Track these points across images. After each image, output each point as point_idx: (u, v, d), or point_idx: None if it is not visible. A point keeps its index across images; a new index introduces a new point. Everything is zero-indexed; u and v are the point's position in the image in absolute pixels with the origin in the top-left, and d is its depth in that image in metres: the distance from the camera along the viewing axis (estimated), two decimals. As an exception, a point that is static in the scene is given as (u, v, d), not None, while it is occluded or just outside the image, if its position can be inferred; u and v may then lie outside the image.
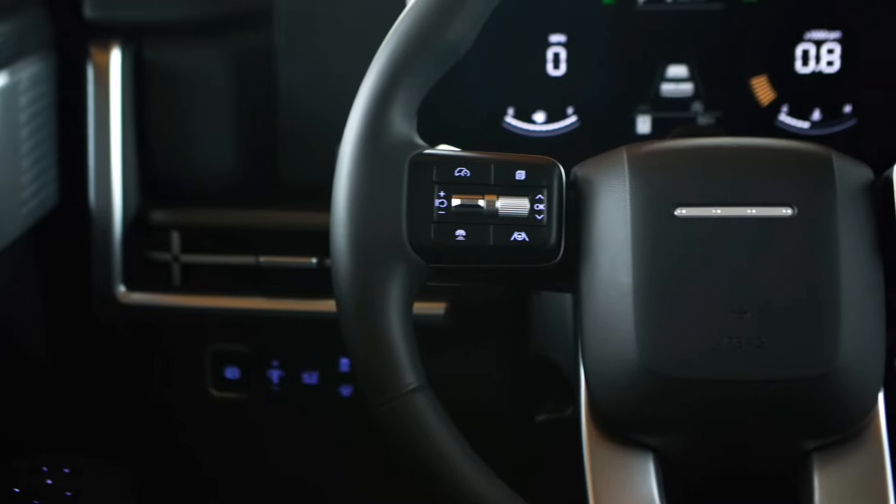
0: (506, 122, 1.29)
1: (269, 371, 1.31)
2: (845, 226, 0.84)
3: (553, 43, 1.27)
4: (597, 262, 0.86)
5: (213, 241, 1.24)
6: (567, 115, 1.28)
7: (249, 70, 1.26)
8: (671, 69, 1.27)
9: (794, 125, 1.27)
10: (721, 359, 0.83)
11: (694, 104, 1.27)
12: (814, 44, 1.25)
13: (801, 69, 1.26)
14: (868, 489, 0.85)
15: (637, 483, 0.86)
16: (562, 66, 1.27)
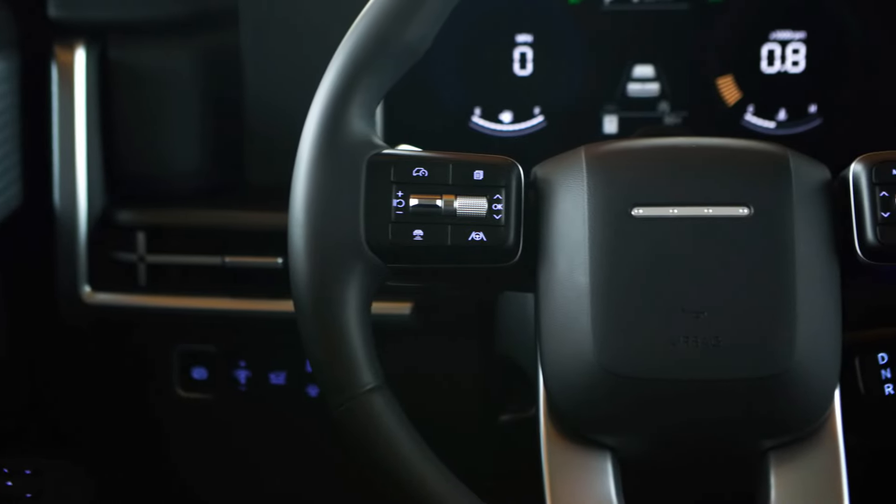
0: (473, 122, 1.29)
1: (237, 371, 1.31)
2: (802, 225, 0.85)
3: (520, 43, 1.27)
4: (555, 262, 0.86)
5: (179, 242, 1.24)
6: (534, 114, 1.28)
7: (216, 70, 1.26)
8: (637, 69, 1.27)
9: (759, 125, 1.27)
10: (677, 358, 0.83)
11: (660, 104, 1.27)
12: (779, 44, 1.26)
13: (766, 69, 1.26)
14: (823, 488, 0.85)
15: (594, 483, 0.86)
16: (528, 66, 1.27)
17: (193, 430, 1.35)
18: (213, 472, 1.38)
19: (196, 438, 1.36)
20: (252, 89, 1.25)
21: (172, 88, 1.25)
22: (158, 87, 1.25)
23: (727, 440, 0.86)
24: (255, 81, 1.25)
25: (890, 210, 0.84)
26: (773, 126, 1.27)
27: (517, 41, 1.27)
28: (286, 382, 1.30)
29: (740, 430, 0.85)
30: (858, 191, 0.85)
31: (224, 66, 1.26)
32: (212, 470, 1.38)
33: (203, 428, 1.35)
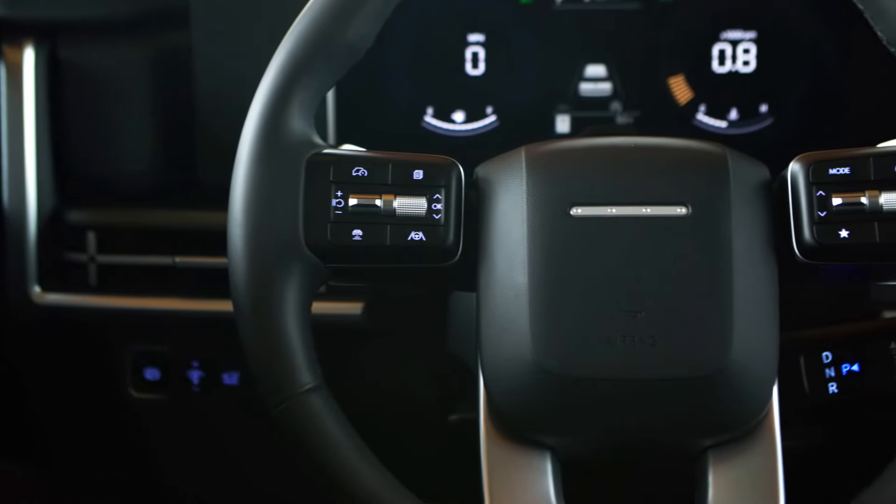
0: (425, 122, 1.29)
1: (190, 372, 1.30)
2: (739, 224, 0.85)
3: (472, 42, 1.27)
4: (494, 261, 0.86)
5: (130, 242, 1.24)
6: (486, 114, 1.28)
7: (167, 70, 1.26)
8: (589, 69, 1.27)
9: (711, 124, 1.28)
10: (614, 358, 0.83)
11: (612, 104, 1.28)
12: (730, 44, 1.26)
13: (717, 69, 1.27)
14: (760, 486, 0.85)
15: (533, 482, 0.86)
16: (480, 65, 1.27)
17: (146, 431, 1.35)
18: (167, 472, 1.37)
19: (149, 439, 1.36)
20: (203, 89, 1.24)
21: (123, 88, 1.25)
22: (109, 86, 1.24)
23: (665, 439, 0.86)
24: (207, 81, 1.24)
25: (826, 209, 0.84)
26: (724, 125, 1.27)
27: (469, 41, 1.27)
28: (239, 383, 1.29)
29: (677, 429, 0.85)
30: (796, 190, 0.86)
31: (175, 66, 1.25)
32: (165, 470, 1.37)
33: (156, 428, 1.34)
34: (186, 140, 1.27)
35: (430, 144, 1.28)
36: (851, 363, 1.00)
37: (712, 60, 1.26)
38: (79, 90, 1.24)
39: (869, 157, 0.85)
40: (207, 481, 1.37)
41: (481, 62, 1.27)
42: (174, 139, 1.27)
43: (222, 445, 1.35)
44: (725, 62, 1.26)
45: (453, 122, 1.29)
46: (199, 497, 1.37)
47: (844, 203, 0.84)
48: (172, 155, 1.27)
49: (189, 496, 1.38)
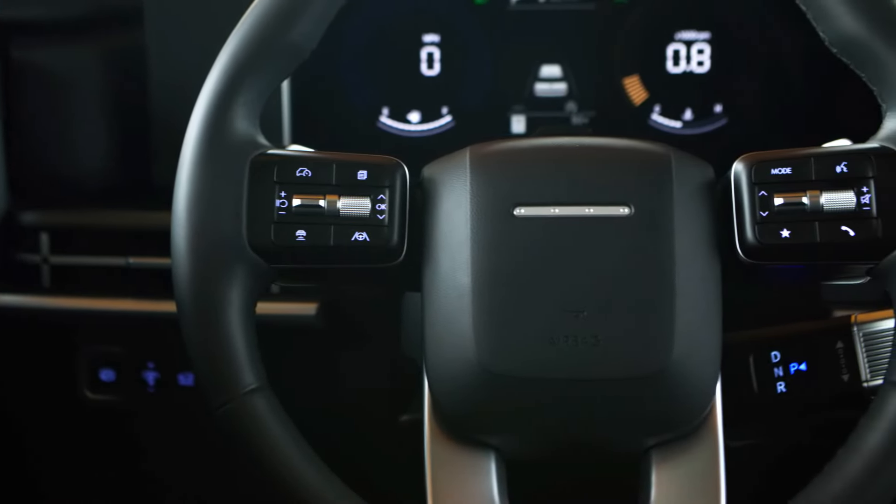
0: (381, 122, 1.29)
1: (145, 373, 1.30)
2: (682, 224, 0.85)
3: (427, 43, 1.27)
4: (438, 261, 0.86)
5: (83, 243, 1.23)
6: (442, 114, 1.28)
7: (121, 70, 1.25)
8: (545, 69, 1.28)
9: (666, 125, 1.28)
10: (557, 357, 0.83)
11: (568, 104, 1.28)
12: (684, 44, 1.26)
13: (672, 69, 1.27)
14: (702, 485, 0.85)
15: (476, 482, 0.86)
16: (436, 65, 1.28)
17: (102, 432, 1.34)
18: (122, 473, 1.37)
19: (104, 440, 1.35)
20: (157, 89, 1.24)
21: (77, 88, 1.25)
22: (63, 86, 1.24)
23: (608, 438, 0.87)
24: (161, 81, 1.24)
25: (768, 209, 0.85)
26: (679, 126, 1.28)
27: (424, 41, 1.27)
28: (195, 384, 1.29)
29: (620, 429, 0.86)
30: (739, 190, 0.86)
31: (129, 66, 1.25)
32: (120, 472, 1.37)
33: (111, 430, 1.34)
34: (141, 140, 1.26)
35: (386, 145, 1.28)
36: (799, 362, 1.00)
37: (667, 61, 1.27)
38: (32, 91, 1.24)
39: (810, 157, 0.86)
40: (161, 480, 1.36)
41: (436, 62, 1.28)
42: (128, 139, 1.26)
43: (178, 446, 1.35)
44: (680, 63, 1.27)
45: (409, 122, 1.29)
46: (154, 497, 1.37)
47: (786, 203, 0.84)
48: (127, 155, 1.27)
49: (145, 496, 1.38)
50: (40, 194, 1.25)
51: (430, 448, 0.87)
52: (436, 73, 1.28)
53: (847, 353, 0.98)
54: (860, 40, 0.85)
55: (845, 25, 0.85)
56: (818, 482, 0.81)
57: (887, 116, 0.86)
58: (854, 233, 0.83)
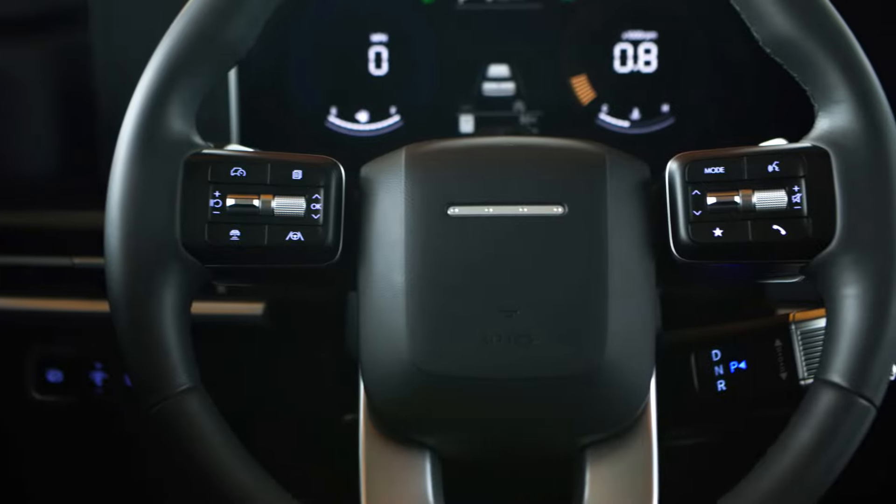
0: (329, 122, 1.29)
1: (93, 373, 1.29)
2: (616, 224, 0.85)
3: (374, 42, 1.27)
4: (373, 261, 0.86)
5: (28, 243, 1.23)
6: (390, 114, 1.28)
7: (67, 69, 1.25)
8: (492, 68, 1.28)
9: (614, 124, 1.28)
10: (490, 357, 0.83)
11: (516, 103, 1.28)
12: (631, 44, 1.27)
13: (619, 69, 1.27)
14: (634, 483, 0.86)
15: (411, 482, 0.86)
16: (384, 65, 1.28)
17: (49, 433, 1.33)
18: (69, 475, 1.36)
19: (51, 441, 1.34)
20: (103, 88, 1.23)
21: (22, 87, 1.24)
22: (7, 85, 1.23)
23: (542, 438, 0.87)
24: (106, 80, 1.23)
25: (701, 209, 0.85)
26: (627, 125, 1.28)
27: (372, 41, 1.27)
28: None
29: (554, 428, 0.86)
30: (673, 189, 0.86)
31: (75, 65, 1.24)
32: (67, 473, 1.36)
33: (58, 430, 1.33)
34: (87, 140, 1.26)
35: (334, 145, 1.28)
36: (739, 361, 1.01)
37: (614, 60, 1.27)
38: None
39: (743, 156, 0.86)
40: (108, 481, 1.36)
41: (384, 62, 1.28)
42: (75, 139, 1.26)
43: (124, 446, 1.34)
44: (627, 62, 1.27)
45: (357, 122, 1.29)
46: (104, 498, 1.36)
47: (718, 202, 0.85)
48: (73, 155, 1.26)
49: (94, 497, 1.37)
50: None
51: (364, 448, 0.87)
52: (384, 73, 1.28)
53: (785, 351, 0.98)
54: (792, 41, 0.86)
55: (778, 26, 0.86)
56: (748, 480, 0.82)
57: (819, 116, 0.86)
58: (785, 232, 0.84)
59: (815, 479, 0.81)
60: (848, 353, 0.81)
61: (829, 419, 0.81)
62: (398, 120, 1.28)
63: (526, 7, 1.26)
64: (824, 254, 0.83)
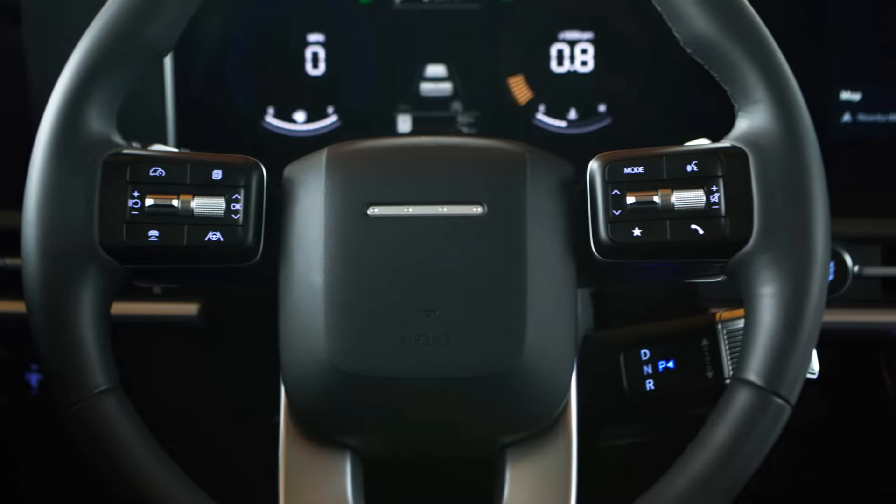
0: (266, 122, 1.28)
1: (28, 374, 1.29)
2: (536, 223, 0.85)
3: (311, 42, 1.27)
4: (293, 261, 0.86)
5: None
6: (328, 114, 1.28)
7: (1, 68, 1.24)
8: (430, 68, 1.28)
9: (551, 124, 1.29)
10: (408, 357, 0.83)
11: (453, 103, 1.28)
12: (568, 44, 1.27)
13: (556, 69, 1.28)
14: (553, 482, 0.86)
15: (330, 482, 0.86)
16: (321, 65, 1.27)
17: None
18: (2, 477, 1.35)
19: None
20: (35, 86, 1.23)
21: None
22: None
23: (463, 437, 0.87)
24: (39, 79, 1.22)
25: (621, 208, 0.85)
26: (564, 125, 1.28)
27: (309, 41, 1.27)
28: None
29: (474, 428, 0.86)
30: (593, 189, 0.86)
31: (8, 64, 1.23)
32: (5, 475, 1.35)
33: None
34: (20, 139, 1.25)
35: (272, 145, 1.28)
36: (667, 360, 1.01)
37: (551, 60, 1.27)
38: None
39: (662, 156, 0.86)
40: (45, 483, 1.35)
41: (321, 62, 1.27)
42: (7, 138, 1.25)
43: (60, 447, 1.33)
44: (564, 62, 1.28)
45: (294, 122, 1.29)
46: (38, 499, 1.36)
47: (637, 202, 0.85)
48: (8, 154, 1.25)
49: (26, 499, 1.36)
50: None
51: (284, 448, 0.87)
52: (321, 73, 1.27)
53: (712, 350, 0.99)
54: (712, 41, 0.86)
55: (698, 26, 0.86)
56: (666, 478, 0.82)
57: (738, 116, 0.87)
58: (703, 231, 0.84)
59: (731, 478, 0.81)
60: (764, 353, 0.82)
61: (744, 418, 0.81)
62: (336, 120, 1.28)
63: (463, 7, 1.26)
64: (741, 253, 0.84)
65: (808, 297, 0.82)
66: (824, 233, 0.83)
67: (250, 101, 1.28)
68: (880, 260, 1.23)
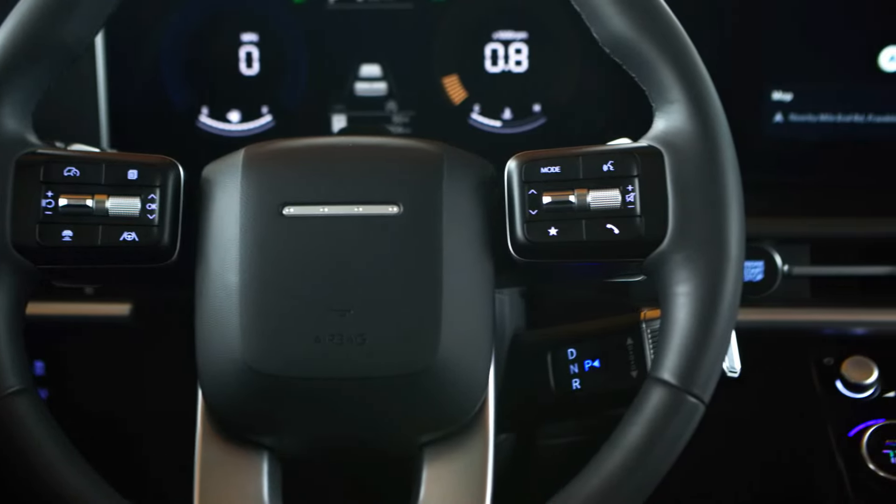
0: (200, 122, 1.28)
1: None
2: (452, 223, 0.85)
3: (245, 42, 1.26)
4: (209, 261, 0.86)
5: None
6: (262, 114, 1.28)
7: None
8: (364, 68, 1.28)
9: (486, 124, 1.29)
10: (323, 357, 0.83)
11: (388, 103, 1.28)
12: (502, 44, 1.27)
13: (490, 68, 1.28)
14: (469, 481, 0.86)
15: (246, 483, 0.85)
16: (255, 65, 1.27)
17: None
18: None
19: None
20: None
21: None
22: None
23: (380, 437, 0.87)
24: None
25: (537, 208, 0.85)
26: (499, 125, 1.29)
27: (243, 40, 1.27)
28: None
29: (390, 427, 0.86)
30: (511, 189, 0.86)
31: None
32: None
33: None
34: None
35: (206, 145, 1.28)
36: (593, 359, 1.01)
37: (485, 60, 1.28)
38: None
39: (579, 156, 0.87)
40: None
41: (255, 62, 1.27)
42: None
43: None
44: (498, 62, 1.28)
45: (229, 122, 1.28)
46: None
47: (553, 201, 0.85)
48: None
49: None
50: None
51: (200, 448, 0.87)
52: (255, 73, 1.27)
53: (636, 349, 0.99)
54: (630, 41, 0.86)
55: (615, 26, 0.87)
56: (579, 479, 0.82)
57: (656, 116, 0.87)
58: (618, 231, 0.84)
59: (644, 477, 0.81)
60: (678, 351, 0.82)
61: (658, 417, 0.81)
62: (270, 120, 1.28)
63: (397, 7, 1.26)
64: (657, 253, 0.84)
65: (721, 296, 0.82)
66: (738, 232, 0.84)
67: (184, 101, 1.27)
68: (810, 259, 1.24)
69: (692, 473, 0.94)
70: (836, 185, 1.25)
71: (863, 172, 1.26)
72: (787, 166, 1.25)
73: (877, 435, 1.12)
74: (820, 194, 1.24)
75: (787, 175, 1.25)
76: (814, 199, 1.24)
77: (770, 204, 1.22)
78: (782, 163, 1.25)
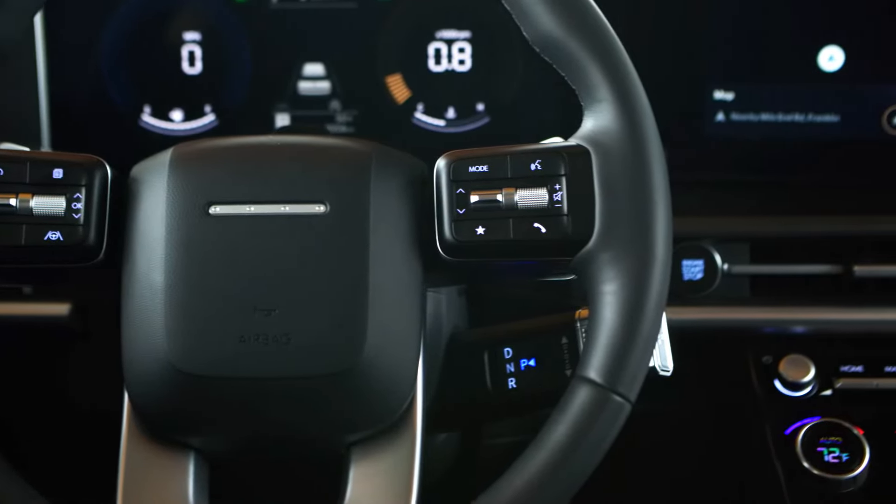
0: (143, 121, 1.27)
1: None
2: (379, 222, 0.85)
3: (188, 41, 1.26)
4: (135, 260, 0.86)
5: None
6: (205, 113, 1.27)
7: None
8: (308, 67, 1.27)
9: (430, 123, 1.29)
10: (248, 357, 0.82)
11: (332, 102, 1.28)
12: (445, 43, 1.27)
13: (434, 68, 1.28)
14: (395, 481, 0.86)
15: (171, 483, 0.85)
16: (197, 64, 1.27)
17: None
18: None
19: None
20: None
21: None
22: None
23: (306, 437, 0.86)
24: None
25: (465, 207, 0.85)
26: (443, 124, 1.29)
27: (185, 39, 1.26)
28: None
29: (317, 427, 0.85)
30: (439, 188, 0.86)
31: None
32: None
33: None
34: None
35: (149, 144, 1.26)
36: (529, 358, 1.01)
37: (428, 59, 1.28)
38: None
39: (507, 155, 0.87)
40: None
41: (198, 61, 1.27)
42: None
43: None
44: (441, 61, 1.28)
45: (171, 121, 1.28)
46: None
47: (481, 200, 0.85)
48: None
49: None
50: None
51: (125, 448, 0.86)
52: (198, 72, 1.27)
53: (571, 348, 0.99)
54: (558, 41, 0.86)
55: (544, 26, 0.87)
56: (504, 478, 0.82)
57: (585, 115, 0.87)
58: (545, 230, 0.84)
59: (569, 476, 0.81)
60: (604, 351, 0.82)
61: (583, 416, 0.81)
62: (213, 119, 1.28)
63: (340, 6, 1.26)
64: (584, 252, 0.84)
65: (647, 296, 0.82)
66: (665, 231, 0.84)
67: (127, 100, 1.27)
68: (749, 258, 1.25)
69: (628, 472, 0.94)
70: (776, 183, 1.26)
71: (803, 171, 1.26)
72: (728, 165, 1.26)
73: (811, 433, 1.13)
74: (760, 193, 1.25)
75: (728, 174, 1.26)
76: (754, 198, 1.25)
77: (711, 203, 1.23)
78: (724, 162, 1.26)
